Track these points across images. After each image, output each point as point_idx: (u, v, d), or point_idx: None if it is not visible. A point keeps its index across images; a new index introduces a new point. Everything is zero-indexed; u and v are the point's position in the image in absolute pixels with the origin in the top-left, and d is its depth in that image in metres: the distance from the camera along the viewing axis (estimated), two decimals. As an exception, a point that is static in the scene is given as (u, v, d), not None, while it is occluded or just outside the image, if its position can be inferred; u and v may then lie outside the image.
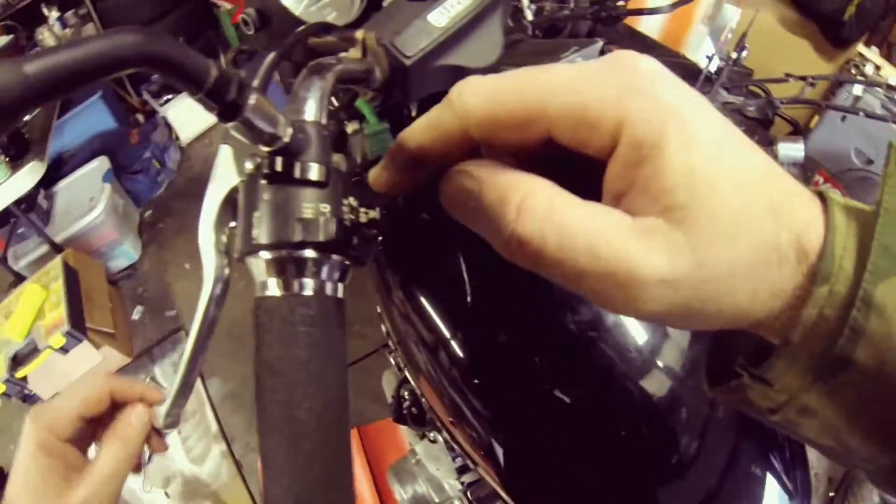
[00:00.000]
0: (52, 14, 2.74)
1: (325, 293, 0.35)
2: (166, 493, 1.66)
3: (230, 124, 0.32)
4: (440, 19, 0.57)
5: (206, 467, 1.77)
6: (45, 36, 2.61)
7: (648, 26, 2.39)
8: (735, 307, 0.22)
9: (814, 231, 0.22)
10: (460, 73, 0.60)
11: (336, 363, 0.35)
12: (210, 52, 3.36)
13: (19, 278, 2.14)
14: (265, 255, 0.34)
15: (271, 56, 0.48)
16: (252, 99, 0.31)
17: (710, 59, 2.01)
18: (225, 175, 0.39)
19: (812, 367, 0.22)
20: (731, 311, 0.22)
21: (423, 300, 0.61)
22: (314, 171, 0.34)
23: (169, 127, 2.96)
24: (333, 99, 0.63)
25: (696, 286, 0.22)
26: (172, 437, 1.78)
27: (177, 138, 3.01)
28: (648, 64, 0.23)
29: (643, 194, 0.22)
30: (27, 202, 2.16)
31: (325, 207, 0.34)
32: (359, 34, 0.54)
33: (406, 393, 0.88)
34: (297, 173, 0.33)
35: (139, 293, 2.38)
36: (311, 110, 0.37)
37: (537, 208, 0.22)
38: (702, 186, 0.21)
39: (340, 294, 0.36)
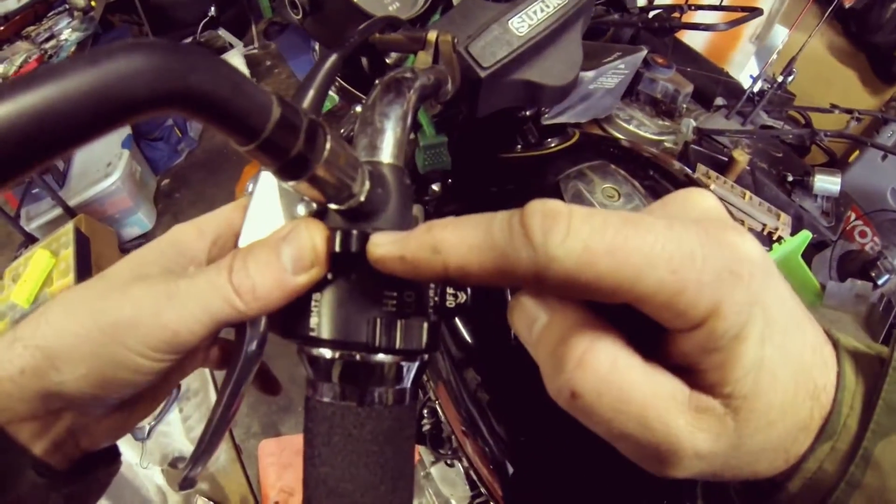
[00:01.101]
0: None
1: (402, 402, 0.28)
2: (163, 471, 1.63)
3: (291, 183, 0.24)
4: (521, 27, 0.51)
5: (203, 449, 1.74)
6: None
7: (694, 39, 2.32)
8: (753, 474, 0.23)
9: (829, 389, 0.23)
10: (534, 89, 0.55)
11: (406, 481, 0.28)
12: (242, 22, 3.30)
13: (31, 239, 2.10)
14: (326, 352, 0.27)
15: (331, 60, 0.39)
16: (325, 150, 0.23)
17: (754, 79, 1.96)
18: (267, 212, 0.30)
19: None
20: (746, 475, 0.23)
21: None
22: None
23: (194, 95, 2.91)
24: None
25: (727, 461, 0.22)
26: (173, 415, 1.75)
27: (200, 107, 2.97)
28: (752, 249, 0.21)
29: (707, 374, 0.21)
30: (44, 162, 2.12)
31: (410, 296, 0.27)
32: (431, 36, 0.48)
33: (426, 412, 0.84)
34: None
35: (149, 263, 2.34)
36: (389, 148, 0.29)
37: (600, 366, 0.21)
38: (765, 377, 0.21)
39: (416, 396, 0.30)
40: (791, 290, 0.22)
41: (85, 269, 1.86)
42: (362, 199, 0.26)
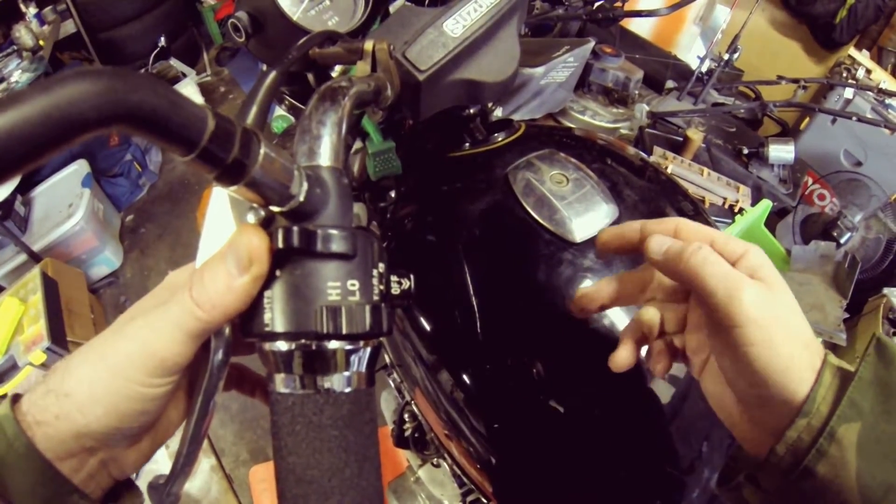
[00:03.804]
0: (30, 10, 2.63)
1: (357, 386, 0.30)
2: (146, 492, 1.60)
3: (232, 188, 0.26)
4: (456, 29, 0.53)
5: (196, 482, 1.70)
6: (23, 33, 2.50)
7: (640, 26, 2.37)
8: (765, 375, 0.33)
9: (811, 376, 0.33)
10: (474, 87, 0.56)
11: (372, 464, 0.30)
12: (193, 50, 3.27)
13: (-3, 288, 2.06)
14: (282, 345, 0.29)
15: (271, 77, 0.41)
16: (260, 154, 0.25)
17: (701, 59, 2.01)
18: (221, 224, 0.32)
19: (789, 472, 0.33)
20: (763, 374, 0.33)
21: (420, 315, 0.58)
22: (338, 242, 0.28)
23: (150, 128, 2.86)
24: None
25: (767, 324, 0.33)
26: (160, 452, 1.72)
27: (158, 140, 2.92)
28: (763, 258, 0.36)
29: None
30: (3, 209, 2.06)
31: (354, 285, 0.29)
32: (368, 45, 0.49)
33: (407, 416, 0.84)
34: (318, 245, 0.28)
35: (121, 302, 2.27)
36: (327, 152, 0.31)
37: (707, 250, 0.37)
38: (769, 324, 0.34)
39: (372, 382, 0.31)
40: (788, 299, 0.35)
41: (55, 313, 1.82)
42: (302, 199, 0.28)
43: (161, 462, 1.72)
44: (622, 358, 0.43)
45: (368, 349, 0.30)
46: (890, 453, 0.31)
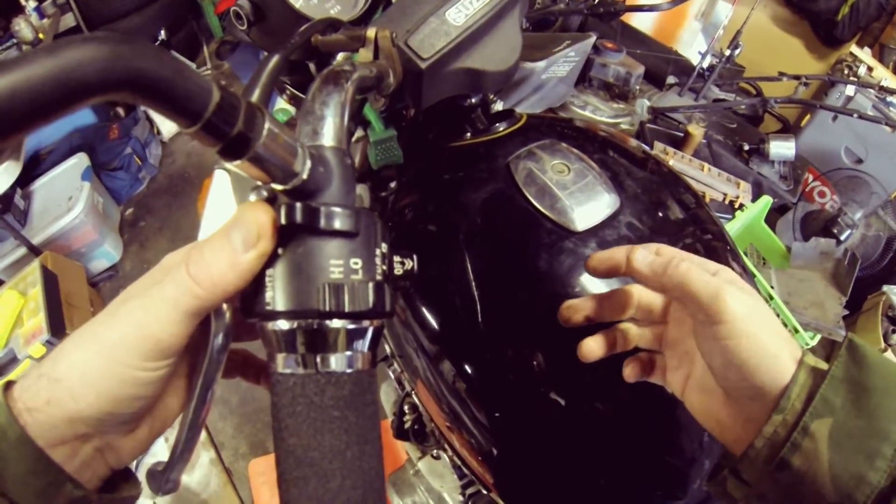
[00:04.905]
0: (30, 4, 2.62)
1: (359, 367, 0.29)
2: (154, 503, 1.60)
3: (235, 163, 0.25)
4: (458, 17, 0.53)
5: (195, 475, 1.71)
6: (23, 27, 2.50)
7: (641, 21, 2.37)
8: (756, 364, 0.35)
9: (786, 375, 0.35)
10: (476, 76, 0.56)
11: (374, 447, 0.30)
12: (193, 44, 3.27)
13: (-4, 281, 2.05)
14: (283, 324, 0.28)
15: (274, 60, 0.40)
16: (264, 129, 0.25)
17: (702, 55, 2.01)
18: (223, 207, 0.32)
19: (766, 464, 0.35)
20: (754, 363, 0.35)
21: (422, 305, 0.58)
22: (341, 220, 0.28)
23: (150, 121, 2.83)
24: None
25: (747, 320, 0.36)
26: (159, 444, 1.72)
27: (158, 132, 2.88)
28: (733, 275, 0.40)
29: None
30: (3, 203, 2.05)
31: (356, 263, 0.29)
32: (370, 33, 0.49)
33: (407, 408, 0.84)
34: (321, 222, 0.28)
35: (121, 295, 2.29)
36: (330, 132, 0.31)
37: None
38: (744, 304, 0.36)
39: (374, 363, 0.31)
40: (765, 305, 0.37)
41: (55, 306, 1.82)
42: (305, 176, 0.28)
43: (161, 456, 1.72)
44: (588, 346, 0.45)
45: (371, 329, 0.30)
46: (861, 448, 0.32)
